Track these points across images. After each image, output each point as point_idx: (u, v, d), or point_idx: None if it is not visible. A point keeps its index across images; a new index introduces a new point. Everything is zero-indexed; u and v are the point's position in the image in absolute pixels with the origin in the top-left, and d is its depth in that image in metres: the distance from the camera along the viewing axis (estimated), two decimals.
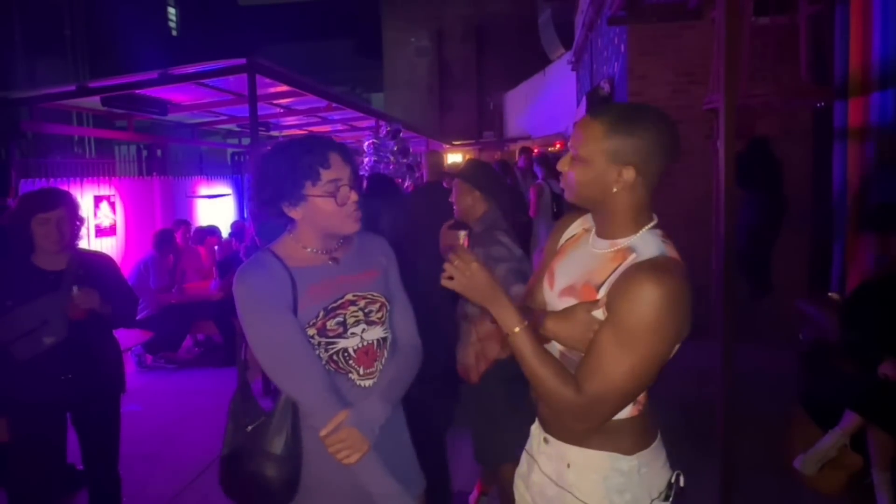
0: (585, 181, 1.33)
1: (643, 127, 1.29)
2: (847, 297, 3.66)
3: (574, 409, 1.27)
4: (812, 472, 3.09)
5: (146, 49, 13.29)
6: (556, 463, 1.43)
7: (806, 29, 4.21)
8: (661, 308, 1.20)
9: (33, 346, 2.39)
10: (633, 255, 1.30)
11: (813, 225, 5.57)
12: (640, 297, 1.21)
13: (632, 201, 1.33)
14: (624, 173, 1.29)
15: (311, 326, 1.55)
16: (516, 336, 1.31)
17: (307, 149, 1.52)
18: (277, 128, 9.86)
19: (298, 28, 25.90)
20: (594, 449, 1.36)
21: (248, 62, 5.09)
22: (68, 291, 2.43)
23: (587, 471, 1.37)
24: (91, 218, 5.88)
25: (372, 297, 1.64)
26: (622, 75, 6.50)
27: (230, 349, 5.74)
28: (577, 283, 1.37)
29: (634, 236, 1.33)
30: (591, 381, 1.25)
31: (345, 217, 1.55)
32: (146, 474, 3.60)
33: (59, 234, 2.45)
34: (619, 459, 1.35)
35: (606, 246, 1.36)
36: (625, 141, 1.28)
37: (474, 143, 17.89)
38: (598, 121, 1.32)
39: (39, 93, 6.30)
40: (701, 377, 3.60)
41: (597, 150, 1.30)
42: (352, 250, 1.68)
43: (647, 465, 1.36)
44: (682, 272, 1.26)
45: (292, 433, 1.54)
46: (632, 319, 1.21)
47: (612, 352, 1.23)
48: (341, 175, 1.53)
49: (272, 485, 1.52)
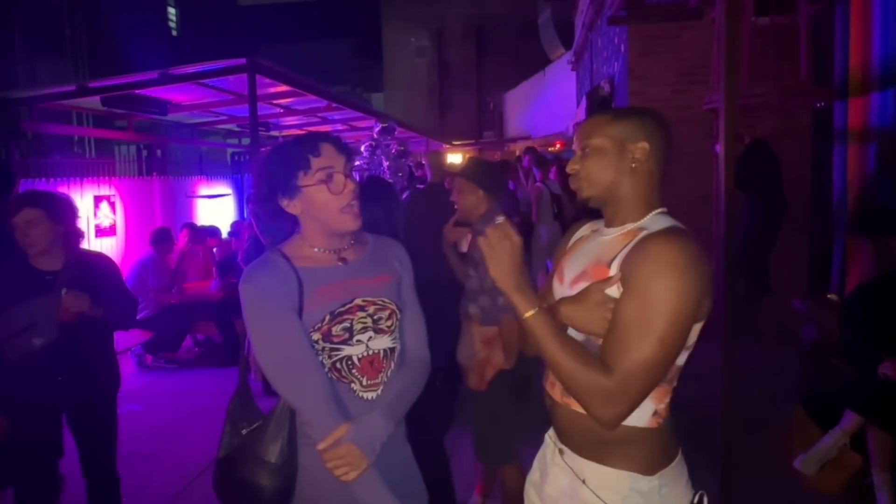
0: (601, 168, 1.36)
1: (642, 113, 1.39)
2: (847, 297, 3.66)
3: (604, 391, 1.19)
4: (812, 472, 3.10)
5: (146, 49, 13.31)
6: (571, 477, 1.38)
7: (806, 29, 4.21)
8: (683, 268, 1.18)
9: (23, 346, 2.39)
10: (644, 232, 1.30)
11: (813, 225, 5.57)
12: (659, 258, 1.19)
13: (645, 182, 1.35)
14: (637, 149, 1.34)
15: (315, 330, 1.49)
16: (531, 319, 1.26)
17: (298, 141, 1.52)
18: (277, 128, 9.85)
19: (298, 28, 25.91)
20: (612, 467, 1.31)
21: (248, 62, 5.09)
22: (59, 293, 2.42)
23: (604, 490, 1.31)
24: (91, 218, 5.88)
25: (382, 304, 1.57)
26: (622, 75, 6.50)
27: (230, 349, 5.74)
28: (588, 268, 1.36)
29: (643, 219, 1.35)
30: (620, 359, 1.19)
31: (340, 209, 1.50)
32: (146, 474, 3.60)
33: (31, 236, 2.42)
34: (639, 480, 1.29)
35: (615, 231, 1.38)
36: (631, 123, 1.35)
37: (474, 143, 17.90)
38: (602, 114, 1.40)
39: (39, 93, 6.30)
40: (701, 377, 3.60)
41: (606, 136, 1.35)
42: (365, 253, 1.63)
43: (668, 485, 1.31)
44: (698, 242, 1.24)
45: (288, 441, 1.49)
46: (653, 283, 1.18)
47: (637, 322, 1.19)
48: (333, 163, 1.49)
49: (264, 493, 1.47)
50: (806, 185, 5.61)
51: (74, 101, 6.60)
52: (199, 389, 5.18)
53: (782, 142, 5.31)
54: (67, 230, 2.56)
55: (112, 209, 6.22)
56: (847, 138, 4.30)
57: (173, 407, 4.78)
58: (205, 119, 8.66)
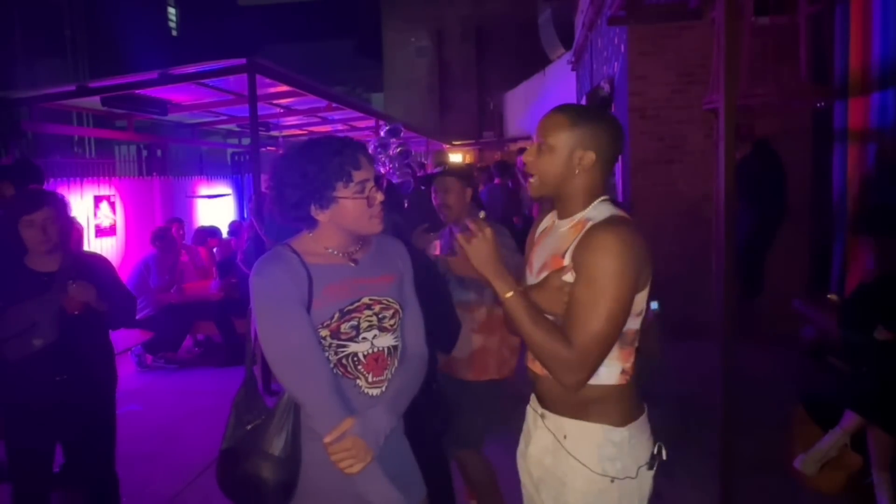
0: (552, 167, 1.52)
1: (600, 120, 1.53)
2: (847, 297, 3.66)
3: (567, 362, 1.40)
4: (812, 472, 3.09)
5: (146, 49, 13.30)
6: (554, 435, 1.55)
7: (806, 29, 4.21)
8: (619, 253, 1.39)
9: (23, 347, 2.39)
10: (590, 223, 1.49)
11: (813, 225, 5.56)
12: (599, 247, 1.40)
13: (588, 182, 1.53)
14: (585, 157, 1.50)
15: (324, 327, 1.52)
16: (510, 300, 1.44)
17: (336, 150, 1.52)
18: (277, 128, 9.84)
19: (298, 28, 25.89)
20: (589, 421, 1.50)
21: (248, 62, 5.09)
22: (59, 292, 2.42)
23: (583, 441, 1.51)
24: (91, 218, 5.88)
25: (387, 303, 1.61)
26: (622, 75, 6.49)
27: (230, 349, 5.74)
28: (548, 259, 1.56)
29: (588, 208, 1.54)
30: (577, 333, 1.40)
31: (370, 217, 1.55)
32: (146, 474, 3.60)
33: (45, 235, 2.43)
34: (612, 431, 1.50)
35: (567, 224, 1.56)
36: (586, 130, 1.50)
37: (474, 143, 17.89)
38: (563, 114, 1.54)
39: (39, 93, 6.30)
40: (701, 377, 3.60)
41: (563, 137, 1.51)
42: (370, 252, 1.66)
43: (636, 436, 1.52)
44: (633, 226, 1.45)
45: (292, 435, 1.51)
46: (597, 269, 1.39)
47: (587, 302, 1.40)
48: (369, 175, 1.55)
49: (267, 486, 1.49)
50: (806, 185, 5.60)
51: (74, 101, 6.60)
52: (199, 389, 5.18)
53: (782, 142, 5.31)
54: (65, 233, 2.57)
55: (112, 209, 6.22)
56: (847, 138, 4.29)
57: (173, 407, 4.79)
58: (205, 119, 8.66)
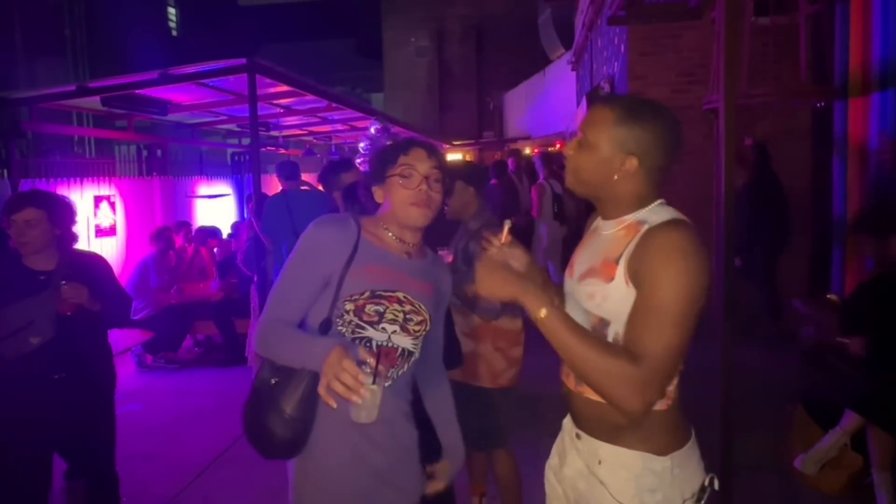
0: (589, 166, 1.39)
1: (651, 121, 1.35)
2: (847, 297, 3.66)
3: (634, 380, 1.22)
4: (812, 472, 3.09)
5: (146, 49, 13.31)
6: (588, 459, 1.43)
7: (806, 29, 4.22)
8: (687, 254, 1.24)
9: (19, 346, 2.39)
10: (645, 225, 1.34)
11: (813, 225, 5.57)
12: (663, 249, 1.25)
13: (632, 189, 1.38)
14: (627, 163, 1.35)
15: (351, 300, 1.55)
16: (545, 319, 1.28)
17: (398, 143, 1.68)
18: (277, 128, 9.83)
19: (298, 28, 25.91)
20: (627, 448, 1.36)
21: (248, 62, 5.09)
22: (55, 290, 2.42)
23: (619, 469, 1.36)
24: (91, 218, 5.87)
25: (418, 308, 1.63)
26: (622, 75, 6.50)
27: (230, 349, 5.75)
28: (596, 264, 1.40)
29: (642, 210, 1.38)
30: (647, 345, 1.23)
31: (409, 205, 1.59)
32: (146, 474, 3.60)
33: (28, 235, 2.43)
34: (653, 460, 1.34)
35: (614, 226, 1.41)
36: (631, 131, 1.34)
37: (474, 143, 17.87)
38: (609, 108, 1.38)
39: (39, 93, 6.28)
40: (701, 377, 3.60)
41: (605, 136, 1.36)
42: (424, 260, 1.72)
43: (681, 465, 1.36)
44: (697, 231, 1.30)
45: (305, 400, 1.53)
46: (664, 273, 1.24)
47: (657, 311, 1.24)
48: (416, 164, 1.60)
49: (275, 440, 1.55)
50: (806, 185, 5.60)
51: (74, 101, 6.58)
52: (199, 389, 5.18)
53: (782, 142, 5.31)
54: (63, 233, 2.56)
55: (112, 209, 6.21)
56: (847, 138, 4.30)
57: (173, 407, 4.78)
58: (205, 119, 8.65)
